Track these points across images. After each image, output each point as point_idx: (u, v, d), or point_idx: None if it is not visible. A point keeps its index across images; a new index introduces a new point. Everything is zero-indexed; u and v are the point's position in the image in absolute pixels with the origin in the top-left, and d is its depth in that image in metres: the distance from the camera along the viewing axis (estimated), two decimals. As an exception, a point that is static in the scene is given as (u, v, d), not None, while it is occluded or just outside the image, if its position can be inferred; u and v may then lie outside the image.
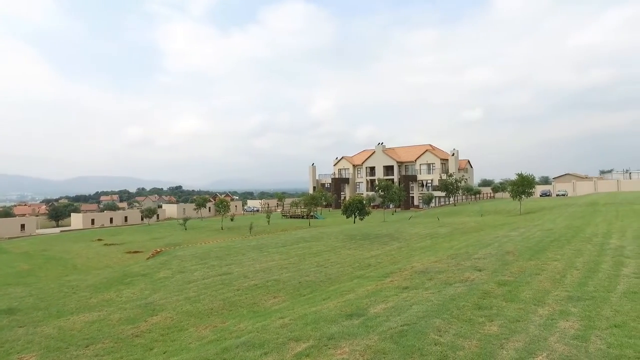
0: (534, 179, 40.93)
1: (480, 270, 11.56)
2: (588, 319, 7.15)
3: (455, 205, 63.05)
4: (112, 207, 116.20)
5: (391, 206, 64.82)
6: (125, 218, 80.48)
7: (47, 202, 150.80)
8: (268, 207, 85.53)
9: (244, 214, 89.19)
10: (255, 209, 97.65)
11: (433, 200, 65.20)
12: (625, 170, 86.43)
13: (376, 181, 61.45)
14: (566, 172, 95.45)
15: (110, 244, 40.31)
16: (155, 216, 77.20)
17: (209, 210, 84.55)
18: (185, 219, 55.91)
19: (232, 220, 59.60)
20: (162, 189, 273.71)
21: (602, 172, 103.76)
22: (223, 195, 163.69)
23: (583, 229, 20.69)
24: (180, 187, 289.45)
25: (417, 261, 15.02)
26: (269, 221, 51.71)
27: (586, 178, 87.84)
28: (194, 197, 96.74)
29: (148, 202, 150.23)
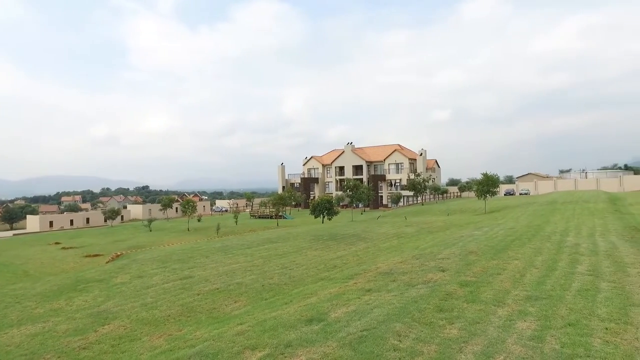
0: (498, 178, 42.01)
1: (443, 271, 11.57)
2: (545, 319, 7.20)
3: (422, 204, 64.06)
4: (74, 209, 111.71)
5: (360, 206, 65.17)
6: (87, 220, 77.44)
7: (0, 203, 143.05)
8: (237, 207, 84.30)
9: (212, 214, 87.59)
10: (223, 209, 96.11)
11: (401, 200, 66.00)
12: (581, 170, 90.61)
13: (345, 181, 61.72)
14: (529, 172, 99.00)
15: (68, 248, 38.48)
16: (119, 217, 74.66)
17: (176, 211, 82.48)
18: (150, 220, 54.26)
19: (199, 221, 58.35)
20: (128, 189, 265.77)
21: (562, 172, 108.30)
22: (191, 195, 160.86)
23: (543, 227, 21.30)
24: (147, 187, 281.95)
25: (383, 262, 14.95)
26: (236, 221, 50.89)
27: (547, 177, 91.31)
28: (161, 197, 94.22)
29: (113, 203, 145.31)
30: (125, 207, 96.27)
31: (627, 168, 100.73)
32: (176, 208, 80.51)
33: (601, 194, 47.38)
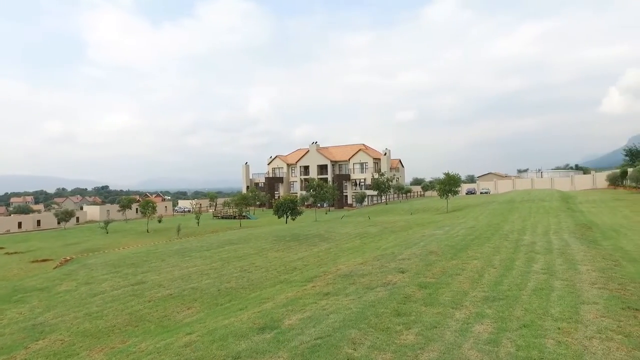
0: (459, 178, 42.85)
1: (403, 272, 11.42)
2: (501, 321, 7.12)
3: (387, 204, 64.72)
4: (24, 210, 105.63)
5: (325, 205, 65.12)
6: (38, 222, 73.17)
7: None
8: (200, 208, 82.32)
9: (174, 215, 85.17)
10: (186, 209, 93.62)
11: (366, 199, 66.42)
12: (537, 170, 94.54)
13: (308, 180, 61.39)
14: (489, 172, 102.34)
15: (12, 253, 35.98)
16: (74, 219, 71.06)
17: (136, 212, 79.45)
18: (107, 222, 51.92)
19: (159, 222, 56.40)
20: (86, 189, 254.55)
21: (519, 172, 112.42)
22: (153, 196, 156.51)
23: (502, 226, 21.73)
24: (107, 187, 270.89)
25: (343, 263, 14.72)
26: (198, 222, 49.50)
27: (506, 177, 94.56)
28: (120, 198, 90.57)
29: (68, 204, 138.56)
30: (81, 209, 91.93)
31: (577, 168, 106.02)
32: (136, 209, 77.55)
33: (555, 192, 49.31)
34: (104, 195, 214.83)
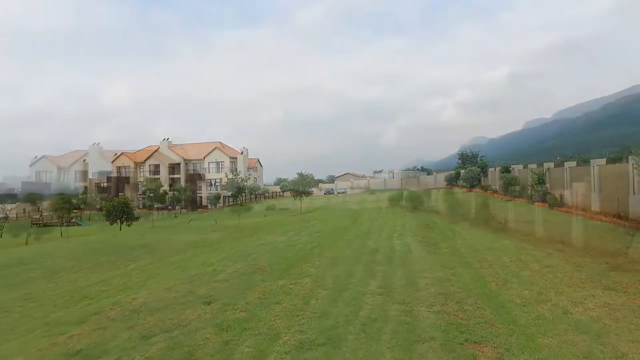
0: (312, 178, 42.14)
1: (209, 303, 8.53)
2: (311, 392, 4.66)
3: (242, 205, 61.74)
4: None
5: (177, 207, 59.23)
6: None
7: None
8: (16, 213, 67.62)
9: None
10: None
11: (221, 200, 62.37)
12: (389, 170, 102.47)
13: (146, 180, 54.86)
14: (347, 172, 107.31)
15: None
16: None
17: None
18: None
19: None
20: None
21: (375, 172, 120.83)
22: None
23: (349, 229, 20.56)
24: None
25: (149, 287, 11.23)
26: (1, 234, 39.47)
27: (362, 177, 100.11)
28: None
29: None
30: None
31: (423, 169, 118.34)
32: None
33: (404, 192, 52.47)
34: None
